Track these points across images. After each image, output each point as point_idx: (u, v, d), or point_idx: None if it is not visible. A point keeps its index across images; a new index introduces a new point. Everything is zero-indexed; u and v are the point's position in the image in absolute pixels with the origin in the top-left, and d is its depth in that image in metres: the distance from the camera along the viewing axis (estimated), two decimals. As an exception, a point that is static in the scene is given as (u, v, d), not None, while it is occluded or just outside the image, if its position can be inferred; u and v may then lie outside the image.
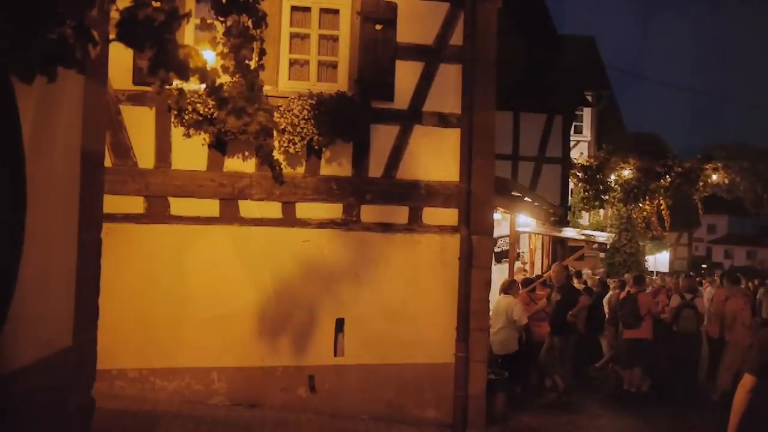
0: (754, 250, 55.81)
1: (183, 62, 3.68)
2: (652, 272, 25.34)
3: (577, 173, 22.96)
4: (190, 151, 7.62)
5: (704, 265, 44.40)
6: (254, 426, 7.11)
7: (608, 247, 22.69)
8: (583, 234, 17.89)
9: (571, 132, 22.18)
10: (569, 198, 22.28)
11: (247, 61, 4.71)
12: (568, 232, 17.34)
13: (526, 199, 12.77)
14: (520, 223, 13.54)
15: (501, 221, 12.87)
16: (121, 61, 6.89)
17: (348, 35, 8.02)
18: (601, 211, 25.49)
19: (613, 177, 23.01)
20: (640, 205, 23.67)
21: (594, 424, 9.65)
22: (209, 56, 5.13)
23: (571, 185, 22.48)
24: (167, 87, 4.00)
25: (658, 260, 29.85)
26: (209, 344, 7.61)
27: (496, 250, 13.31)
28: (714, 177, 22.80)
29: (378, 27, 7.91)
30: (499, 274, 12.51)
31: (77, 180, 4.62)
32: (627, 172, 22.88)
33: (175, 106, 5.33)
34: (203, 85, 4.24)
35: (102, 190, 5.27)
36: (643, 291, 11.49)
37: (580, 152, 25.56)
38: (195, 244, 7.68)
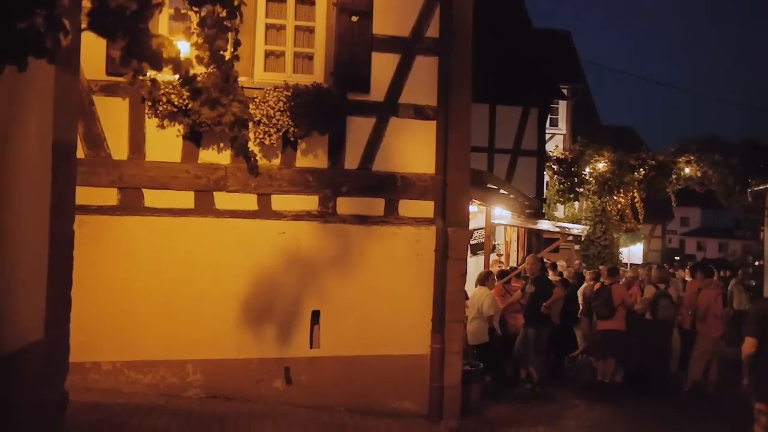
0: (726, 243, 56.47)
1: (156, 52, 3.64)
2: (627, 264, 25.59)
3: (553, 166, 23.12)
4: (165, 143, 7.57)
5: (677, 257, 44.88)
6: (229, 418, 7.09)
7: (583, 239, 22.86)
8: (558, 226, 17.96)
9: (547, 125, 22.31)
10: (544, 190, 22.42)
11: (221, 52, 4.68)
12: (544, 225, 17.41)
13: (501, 191, 12.83)
14: (495, 216, 13.61)
15: (477, 213, 12.93)
16: (94, 51, 6.83)
17: (324, 26, 7.99)
18: (576, 203, 25.68)
19: (588, 170, 23.21)
20: (615, 197, 23.91)
21: (568, 414, 9.74)
22: (183, 47, 5.10)
23: (546, 178, 22.62)
24: (140, 77, 3.96)
25: (632, 252, 30.18)
26: (184, 337, 7.57)
27: (472, 242, 13.38)
28: (687, 170, 23.07)
29: (354, 18, 7.88)
30: (474, 266, 12.60)
31: (49, 171, 4.57)
32: (601, 165, 23.08)
33: (148, 96, 5.30)
34: (177, 76, 4.20)
35: (74, 181, 5.22)
36: (617, 282, 11.61)
37: (555, 145, 25.72)
38: (170, 236, 7.63)
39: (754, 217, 23.27)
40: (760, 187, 19.37)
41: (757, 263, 22.32)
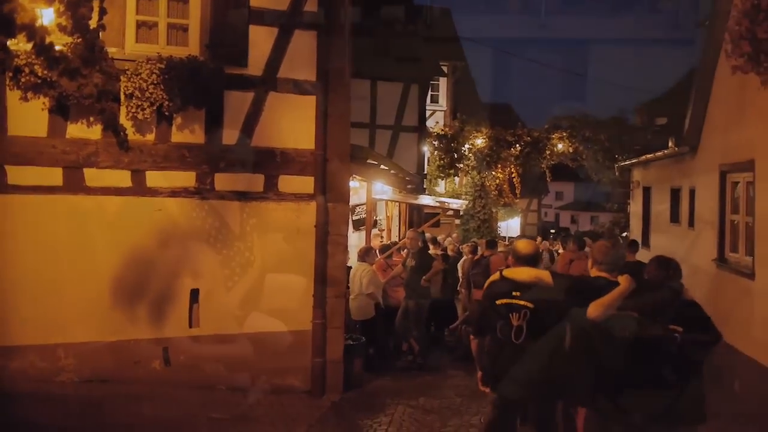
0: (597, 216, 59.44)
1: (8, 17, 3.43)
2: (504, 237, 26.46)
3: (433, 142, 23.52)
4: (29, 116, 7.16)
5: (552, 231, 46.84)
6: (107, 402, 6.89)
7: (462, 213, 23.48)
8: (438, 201, 18.39)
9: (428, 101, 22.65)
10: (425, 166, 22.83)
11: (86, 21, 4.47)
12: (425, 200, 17.77)
13: (382, 166, 12.95)
14: (377, 191, 13.75)
15: (358, 189, 13.03)
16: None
17: (199, -3, 7.77)
18: (456, 178, 26.26)
19: (467, 146, 23.74)
20: (493, 172, 24.59)
21: (447, 383, 9.99)
22: (48, 14, 4.82)
23: (427, 153, 23.01)
24: (-5, 46, 3.73)
25: (510, 226, 31.22)
26: (54, 320, 7.27)
27: (354, 217, 13.48)
28: (560, 146, 23.99)
29: (230, -10, 7.70)
30: (356, 241, 12.69)
31: None
32: (480, 141, 23.66)
33: (4, 65, 4.95)
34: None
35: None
36: (495, 254, 11.95)
37: (436, 121, 26.16)
38: (37, 215, 7.27)
39: (621, 191, 24.56)
40: (626, 163, 20.46)
41: (624, 234, 23.59)
